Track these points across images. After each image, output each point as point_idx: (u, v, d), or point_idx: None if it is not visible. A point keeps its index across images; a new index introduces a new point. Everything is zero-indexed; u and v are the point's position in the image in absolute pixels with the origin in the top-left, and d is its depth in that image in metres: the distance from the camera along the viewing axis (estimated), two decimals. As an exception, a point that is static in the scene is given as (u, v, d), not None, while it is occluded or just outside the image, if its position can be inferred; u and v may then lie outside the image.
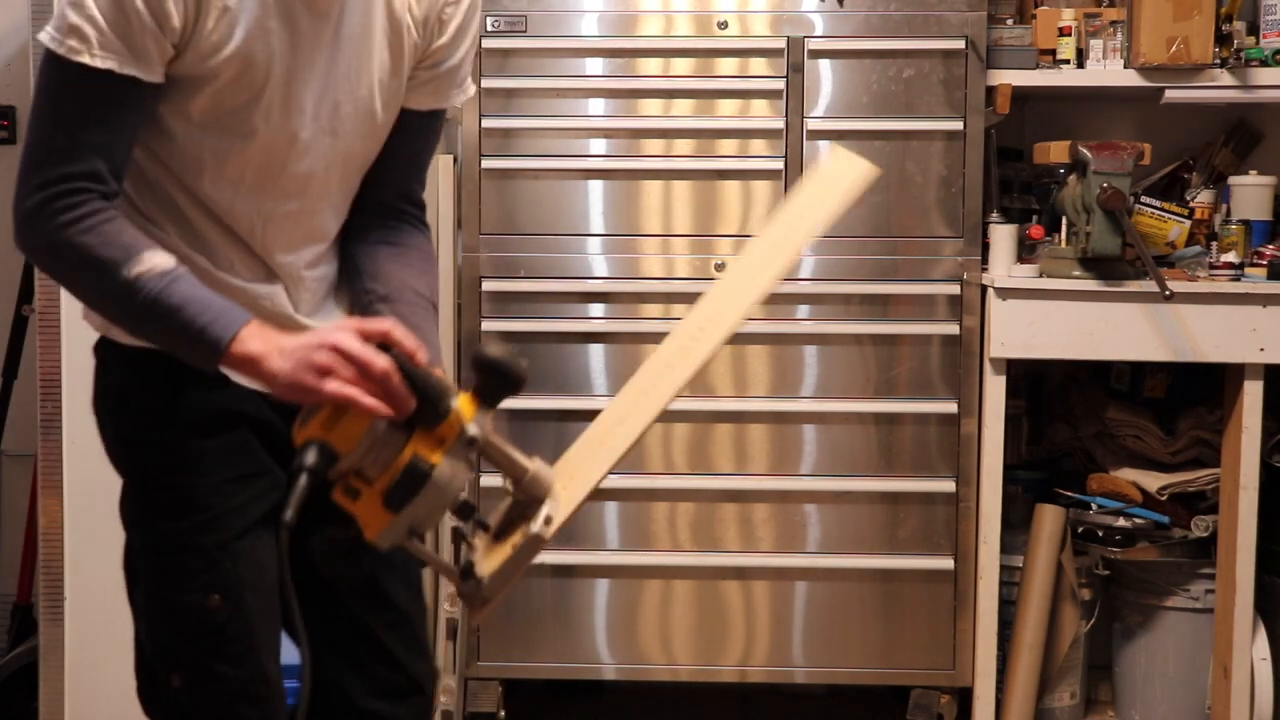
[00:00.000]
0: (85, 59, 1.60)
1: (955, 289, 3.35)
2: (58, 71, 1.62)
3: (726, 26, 3.34)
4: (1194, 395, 3.55)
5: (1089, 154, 3.25)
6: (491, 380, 1.55)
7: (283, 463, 1.76)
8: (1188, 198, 3.61)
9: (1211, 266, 3.39)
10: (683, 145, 3.38)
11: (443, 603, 3.33)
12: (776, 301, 3.38)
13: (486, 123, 3.35)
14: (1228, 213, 3.54)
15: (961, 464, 3.38)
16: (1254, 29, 3.49)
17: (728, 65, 3.37)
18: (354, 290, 1.88)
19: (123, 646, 3.16)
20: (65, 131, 1.63)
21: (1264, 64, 3.42)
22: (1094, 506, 3.46)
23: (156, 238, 1.72)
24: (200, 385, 1.76)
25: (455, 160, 3.44)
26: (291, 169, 1.76)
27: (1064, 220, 3.37)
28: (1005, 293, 3.30)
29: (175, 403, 1.78)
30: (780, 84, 3.34)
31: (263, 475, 1.81)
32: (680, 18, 3.35)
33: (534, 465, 1.57)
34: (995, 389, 3.34)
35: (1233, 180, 3.57)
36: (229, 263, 1.78)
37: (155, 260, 1.62)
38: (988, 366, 3.33)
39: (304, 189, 1.79)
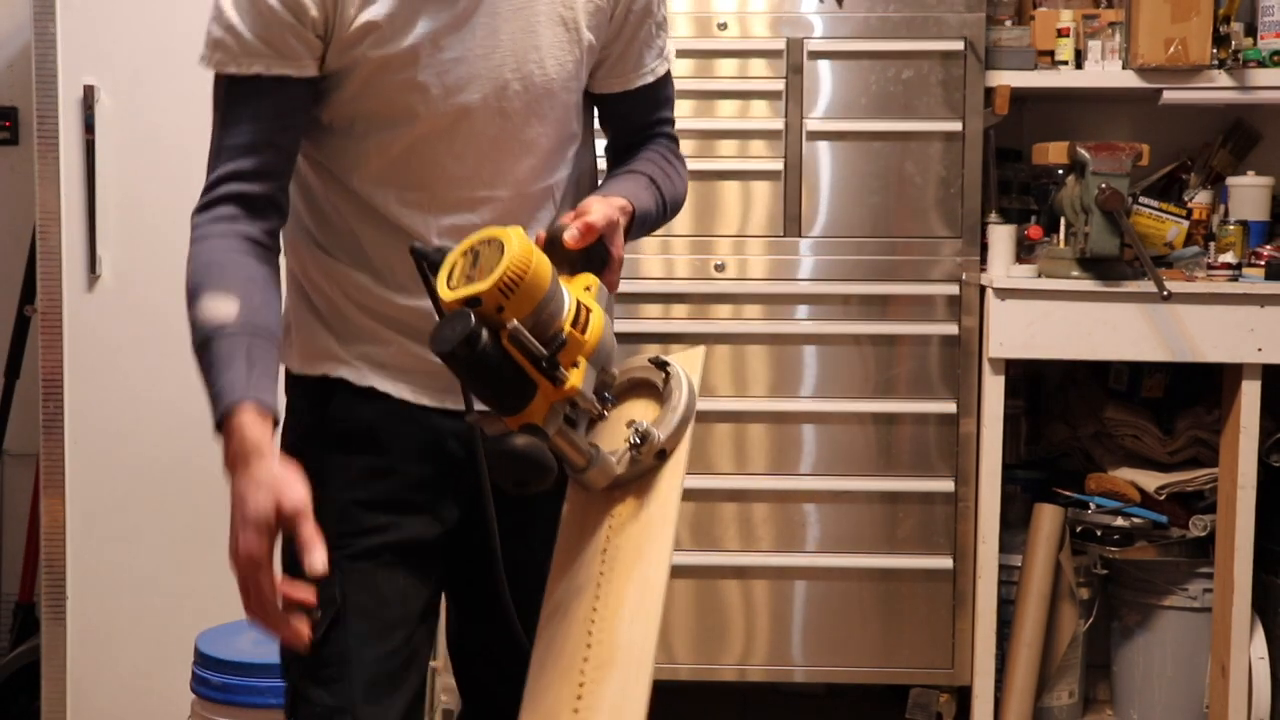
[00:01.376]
0: (232, 69, 1.59)
1: (954, 289, 3.36)
2: (216, 88, 1.62)
3: (726, 28, 3.35)
4: (1192, 395, 3.56)
5: (1087, 155, 3.26)
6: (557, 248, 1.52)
7: (455, 489, 1.72)
8: (1186, 198, 3.62)
9: (1209, 267, 3.40)
10: (682, 146, 3.37)
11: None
12: (776, 302, 3.39)
13: (487, 124, 3.36)
14: (1225, 213, 3.55)
15: (960, 464, 3.39)
16: (1251, 30, 3.50)
17: (727, 66, 3.38)
18: None
19: (123, 646, 3.18)
20: (222, 141, 1.62)
21: (1261, 65, 3.43)
22: (1092, 506, 3.47)
23: (317, 259, 1.71)
24: (348, 399, 1.71)
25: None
26: (460, 152, 1.67)
27: (1062, 221, 3.38)
28: (1004, 293, 3.31)
29: (321, 415, 1.73)
30: (780, 85, 3.35)
31: (408, 509, 1.71)
32: (680, 19, 3.36)
33: (599, 458, 1.56)
34: (994, 389, 3.35)
35: (1230, 181, 3.58)
36: (390, 272, 1.68)
37: (205, 311, 1.54)
38: (986, 366, 3.34)
39: (475, 176, 1.69)
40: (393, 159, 1.66)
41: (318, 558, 1.43)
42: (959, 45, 3.33)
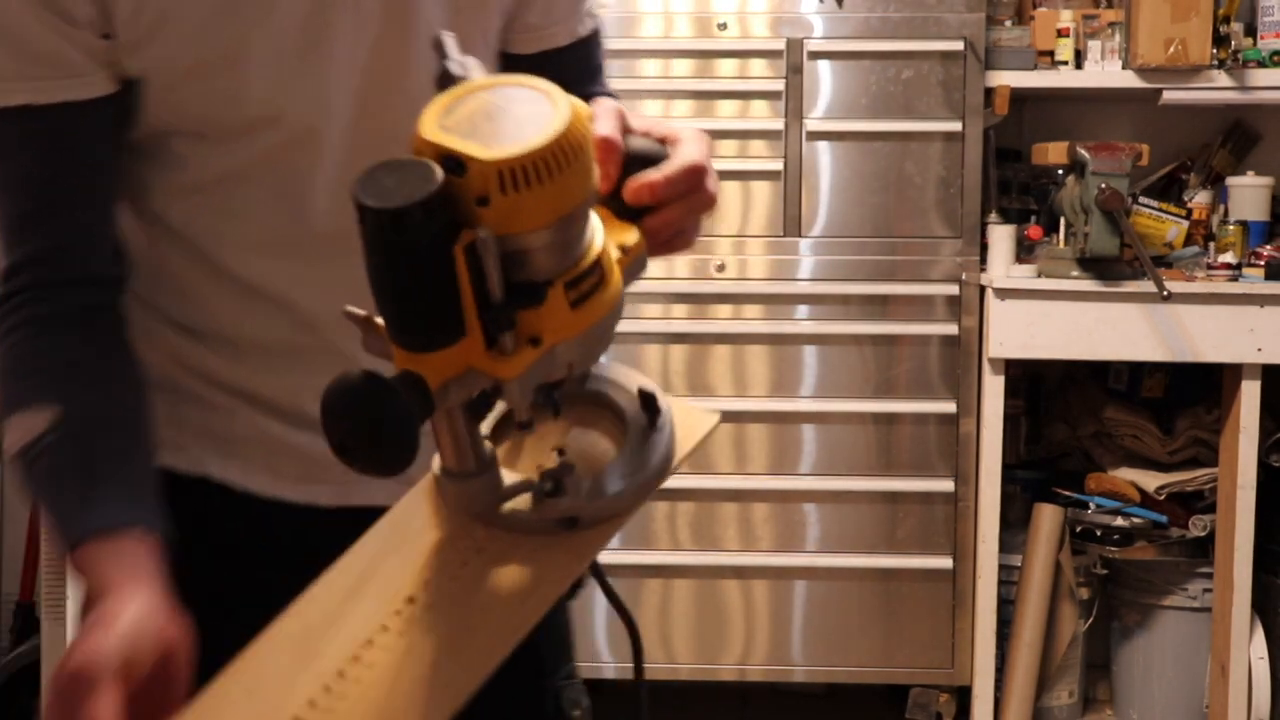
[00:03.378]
0: None
1: (954, 289, 3.37)
2: None
3: (726, 28, 3.36)
4: (1192, 395, 3.56)
5: (1087, 155, 3.26)
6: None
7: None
8: (1185, 198, 3.62)
9: (1209, 267, 3.40)
10: (682, 146, 3.38)
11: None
12: (776, 302, 3.40)
13: (487, 124, 3.36)
14: (1225, 213, 3.56)
15: (960, 464, 3.39)
16: (1251, 30, 3.50)
17: (727, 66, 3.38)
18: None
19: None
20: (10, 200, 1.18)
21: (1261, 65, 3.44)
22: (1092, 506, 3.47)
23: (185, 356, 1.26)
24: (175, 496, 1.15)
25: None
26: (327, 174, 1.20)
27: (1062, 221, 3.38)
28: (1004, 293, 3.32)
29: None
30: (780, 85, 3.35)
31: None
32: (680, 19, 3.36)
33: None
34: (994, 389, 3.35)
35: (1230, 181, 3.58)
36: (239, 341, 1.25)
37: (11, 438, 1.12)
38: (986, 366, 3.34)
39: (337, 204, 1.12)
40: (249, 188, 1.22)
41: None
42: (959, 45, 3.33)
